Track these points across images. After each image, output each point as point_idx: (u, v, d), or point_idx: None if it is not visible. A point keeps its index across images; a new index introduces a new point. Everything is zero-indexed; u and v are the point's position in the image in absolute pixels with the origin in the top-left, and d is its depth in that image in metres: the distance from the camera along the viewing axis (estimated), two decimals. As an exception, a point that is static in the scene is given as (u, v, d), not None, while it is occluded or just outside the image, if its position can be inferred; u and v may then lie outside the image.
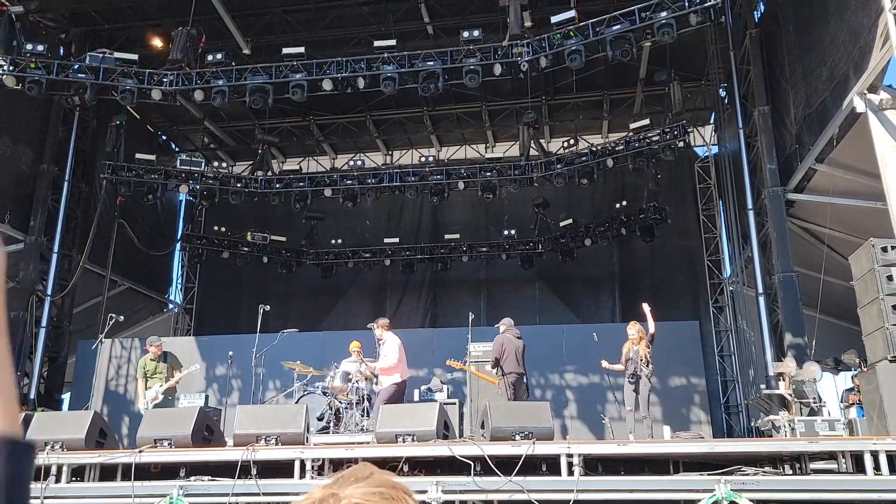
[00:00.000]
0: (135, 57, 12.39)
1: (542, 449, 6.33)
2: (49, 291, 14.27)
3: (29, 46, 11.76)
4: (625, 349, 9.31)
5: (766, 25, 13.06)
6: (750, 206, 13.04)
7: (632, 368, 9.11)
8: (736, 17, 13.53)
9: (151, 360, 9.80)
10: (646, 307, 9.42)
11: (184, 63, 12.07)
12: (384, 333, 9.42)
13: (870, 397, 7.39)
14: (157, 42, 14.64)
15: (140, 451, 6.81)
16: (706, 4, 10.30)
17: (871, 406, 7.25)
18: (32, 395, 13.63)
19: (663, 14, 10.53)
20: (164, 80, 12.08)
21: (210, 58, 12.29)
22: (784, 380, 10.14)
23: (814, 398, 9.70)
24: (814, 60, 10.98)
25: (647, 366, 9.07)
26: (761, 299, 12.52)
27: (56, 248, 14.49)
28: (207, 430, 7.37)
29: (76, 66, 11.98)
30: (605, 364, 9.56)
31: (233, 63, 12.48)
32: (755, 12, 13.40)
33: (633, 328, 9.32)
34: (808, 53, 11.25)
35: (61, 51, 14.33)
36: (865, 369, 8.29)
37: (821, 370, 10.04)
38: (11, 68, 11.58)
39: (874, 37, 8.86)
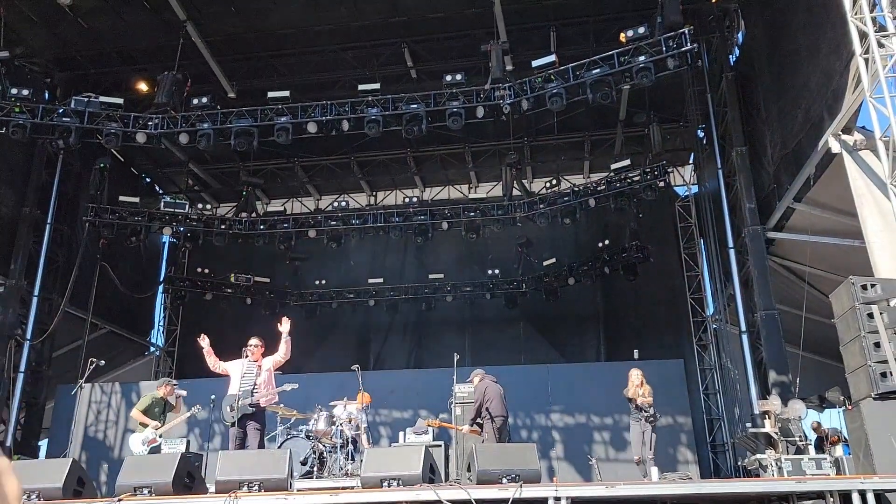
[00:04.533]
0: (120, 101, 12.48)
1: (530, 492, 6.25)
2: (28, 335, 14.06)
3: (14, 91, 11.82)
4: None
5: (742, 69, 13.42)
6: (731, 244, 13.22)
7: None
8: (712, 61, 13.92)
9: (160, 398, 9.64)
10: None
11: (169, 107, 12.17)
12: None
13: (855, 435, 7.39)
14: (143, 86, 14.75)
15: (119, 500, 6.63)
16: (683, 49, 10.60)
17: (857, 444, 7.25)
18: (9, 443, 13.29)
19: (641, 58, 10.81)
20: (150, 123, 12.16)
21: (195, 101, 12.41)
22: (769, 418, 10.14)
23: (800, 436, 9.70)
24: (789, 102, 11.27)
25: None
26: (744, 337, 12.60)
27: (36, 292, 14.34)
28: (189, 476, 7.21)
29: (61, 110, 12.03)
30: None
31: (218, 106, 12.59)
32: (731, 56, 13.79)
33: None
34: (783, 96, 11.55)
35: (46, 95, 14.39)
36: (850, 407, 8.33)
37: (806, 408, 10.06)
38: (-4, 112, 11.61)
39: (847, 80, 9.13)
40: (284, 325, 8.67)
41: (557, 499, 6.11)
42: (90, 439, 14.00)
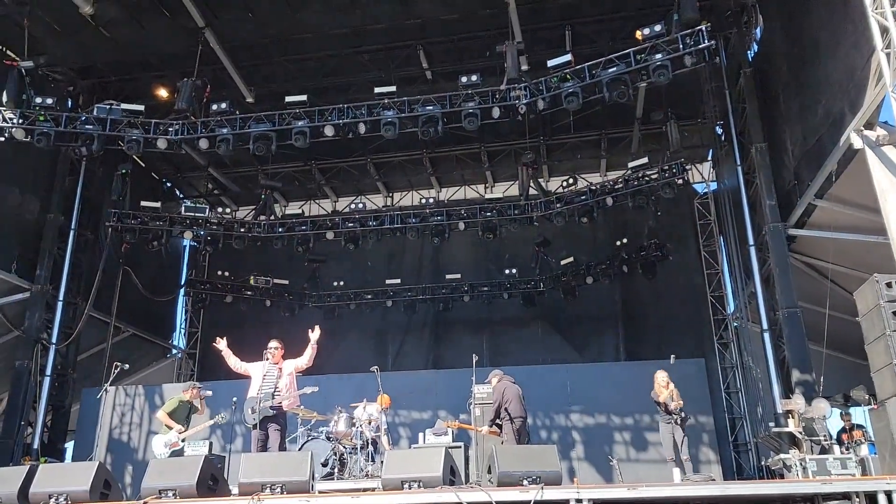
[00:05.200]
0: (141, 108, 12.64)
1: (551, 494, 6.24)
2: (54, 340, 14.28)
3: (38, 100, 12.01)
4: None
5: (760, 65, 13.28)
6: (751, 241, 13.07)
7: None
8: (730, 57, 13.76)
9: (186, 401, 9.79)
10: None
11: (189, 113, 12.30)
12: None
13: (881, 435, 7.31)
14: (163, 93, 14.92)
15: (144, 503, 6.74)
16: (700, 46, 10.50)
17: (883, 444, 7.17)
18: (36, 445, 13.51)
19: (658, 56, 10.73)
20: (170, 129, 12.30)
21: (214, 107, 12.53)
22: (793, 417, 10.03)
23: (824, 435, 9.58)
24: (809, 98, 11.13)
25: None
26: (766, 335, 12.45)
27: (61, 297, 14.56)
28: (212, 479, 7.29)
29: (83, 118, 12.20)
30: None
31: (237, 112, 12.70)
32: (749, 52, 13.64)
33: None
34: (802, 91, 11.41)
35: (69, 103, 14.59)
36: (875, 406, 8.22)
37: (830, 407, 9.94)
38: (21, 121, 11.82)
39: (868, 74, 9.00)
40: (314, 334, 8.80)
41: (579, 500, 6.10)
42: (115, 441, 14.20)
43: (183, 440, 9.50)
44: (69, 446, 14.75)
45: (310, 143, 12.45)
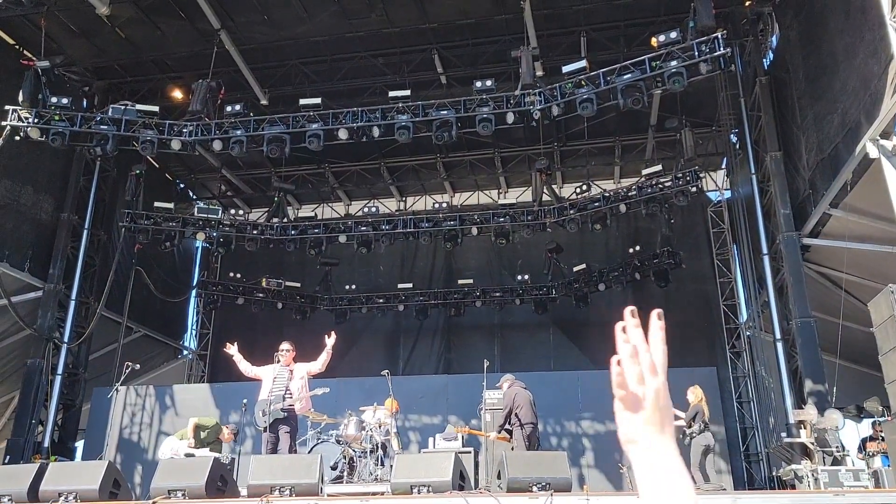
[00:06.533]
0: (156, 108, 12.71)
1: (561, 501, 6.22)
2: (66, 339, 14.36)
3: (54, 99, 12.08)
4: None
5: (776, 73, 13.21)
6: (765, 251, 12.99)
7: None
8: (745, 65, 13.70)
9: (217, 433, 9.92)
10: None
11: (203, 114, 12.35)
12: None
13: (895, 447, 7.24)
14: (178, 94, 15.03)
15: (153, 503, 6.75)
16: (716, 53, 10.45)
17: (897, 456, 7.10)
18: (46, 444, 13.59)
19: (673, 63, 10.67)
20: (184, 130, 12.35)
21: (229, 109, 12.59)
22: (805, 428, 9.95)
23: (837, 447, 9.50)
24: (825, 107, 11.06)
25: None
26: (779, 345, 12.36)
27: (74, 296, 14.65)
28: (221, 480, 7.31)
29: (98, 118, 12.28)
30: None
31: (251, 113, 12.76)
32: (764, 60, 13.58)
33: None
34: (818, 100, 11.34)
35: (84, 103, 14.73)
36: (890, 418, 8.15)
37: (843, 418, 9.84)
38: (36, 121, 11.90)
39: (885, 84, 8.93)
40: (330, 339, 8.84)
41: (588, 508, 6.07)
42: (125, 441, 14.25)
43: (185, 455, 9.58)
44: (79, 445, 14.81)
45: (323, 146, 12.48)
